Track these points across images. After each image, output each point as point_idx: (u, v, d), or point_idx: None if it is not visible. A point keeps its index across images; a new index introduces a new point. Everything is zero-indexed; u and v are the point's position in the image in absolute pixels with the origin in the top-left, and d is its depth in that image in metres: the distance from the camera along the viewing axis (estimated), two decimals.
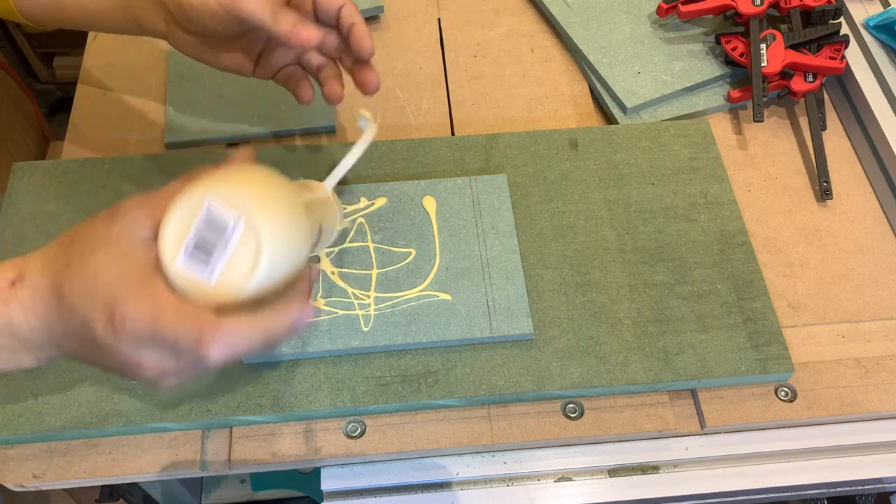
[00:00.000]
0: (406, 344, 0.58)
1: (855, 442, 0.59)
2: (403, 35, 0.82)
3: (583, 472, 0.59)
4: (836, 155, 0.74)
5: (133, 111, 0.74)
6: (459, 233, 0.63)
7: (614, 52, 0.78)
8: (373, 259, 0.62)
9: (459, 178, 0.66)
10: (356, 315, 0.59)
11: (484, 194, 0.66)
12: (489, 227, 0.64)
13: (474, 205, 0.65)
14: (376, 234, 0.63)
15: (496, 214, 0.64)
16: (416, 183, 0.66)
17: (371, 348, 0.57)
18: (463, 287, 0.60)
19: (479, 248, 0.62)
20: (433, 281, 0.60)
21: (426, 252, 0.62)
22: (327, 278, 0.60)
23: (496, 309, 0.59)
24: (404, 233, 0.63)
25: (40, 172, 0.67)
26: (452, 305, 0.59)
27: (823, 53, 0.75)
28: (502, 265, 0.62)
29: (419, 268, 0.61)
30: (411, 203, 0.65)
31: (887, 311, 0.64)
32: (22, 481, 0.54)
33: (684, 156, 0.70)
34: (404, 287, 0.60)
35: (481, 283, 0.61)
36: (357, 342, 0.57)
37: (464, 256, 0.62)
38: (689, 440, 0.59)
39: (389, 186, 0.66)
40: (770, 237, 0.68)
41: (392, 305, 0.59)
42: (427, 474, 0.58)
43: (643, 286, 0.62)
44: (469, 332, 0.58)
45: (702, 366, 0.58)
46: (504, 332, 0.58)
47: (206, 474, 0.56)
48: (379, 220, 0.64)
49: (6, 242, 0.63)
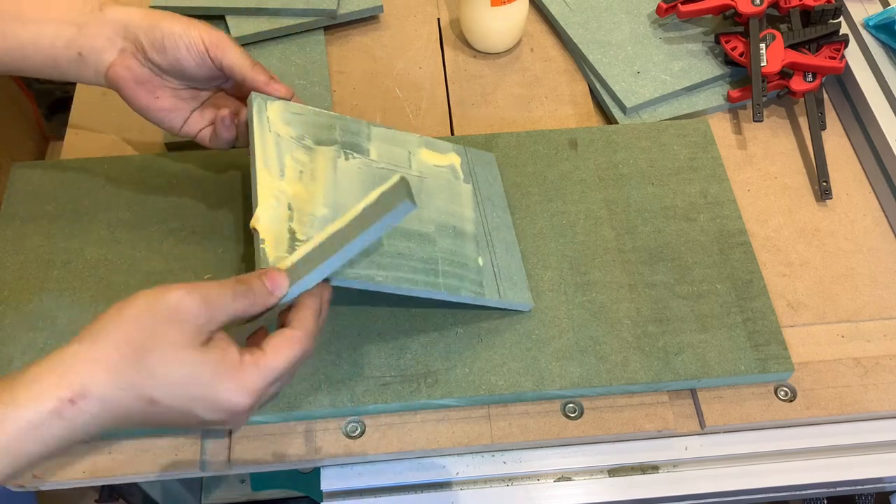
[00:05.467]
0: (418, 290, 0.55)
1: (854, 442, 0.59)
2: (403, 35, 0.82)
3: (582, 471, 0.59)
4: (836, 155, 0.74)
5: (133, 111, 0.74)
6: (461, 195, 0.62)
7: (614, 52, 0.78)
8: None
9: (453, 145, 0.65)
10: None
11: (478, 166, 0.65)
12: (486, 198, 0.64)
13: (472, 174, 0.64)
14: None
15: (490, 188, 0.64)
16: (415, 136, 0.64)
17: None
18: (471, 249, 0.60)
19: (481, 216, 0.62)
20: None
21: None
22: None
23: (501, 276, 0.59)
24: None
25: (40, 172, 0.67)
26: (464, 264, 0.58)
27: (823, 53, 0.75)
28: (502, 237, 0.62)
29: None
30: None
31: (887, 310, 0.64)
32: (21, 481, 0.54)
33: (684, 155, 0.70)
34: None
35: (486, 248, 0.60)
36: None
37: (469, 220, 0.61)
38: (689, 440, 0.59)
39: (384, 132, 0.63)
40: (770, 237, 0.68)
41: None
42: (427, 474, 0.58)
43: (643, 286, 0.62)
44: (480, 291, 0.57)
45: (701, 365, 0.58)
46: (510, 299, 0.58)
47: (206, 474, 0.56)
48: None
49: (6, 242, 0.63)
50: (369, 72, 0.79)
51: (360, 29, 0.83)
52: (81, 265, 0.62)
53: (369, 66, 0.79)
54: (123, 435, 0.56)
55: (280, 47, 0.78)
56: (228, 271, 0.62)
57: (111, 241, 0.63)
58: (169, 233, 0.64)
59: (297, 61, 0.77)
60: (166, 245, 0.63)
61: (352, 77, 0.78)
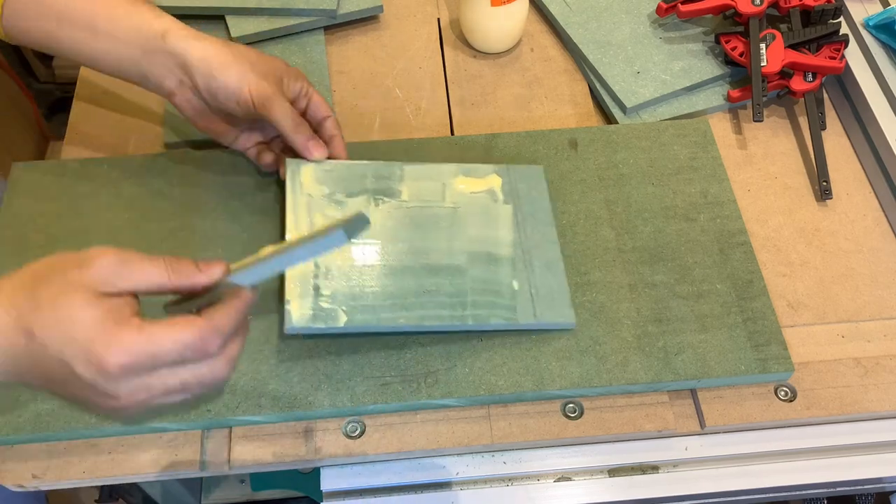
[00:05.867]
0: (452, 325, 0.58)
1: (854, 442, 0.59)
2: (403, 35, 0.82)
3: (582, 471, 0.59)
4: (836, 155, 0.74)
5: (132, 111, 0.74)
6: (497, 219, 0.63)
7: (614, 52, 0.78)
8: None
9: (495, 166, 0.66)
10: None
11: (521, 183, 0.66)
12: (528, 216, 0.64)
13: (513, 193, 0.65)
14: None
15: (534, 204, 0.65)
16: (452, 165, 0.66)
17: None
18: (505, 273, 0.60)
19: (520, 236, 0.63)
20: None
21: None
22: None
23: (538, 297, 0.59)
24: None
25: (40, 172, 0.67)
26: (496, 290, 0.59)
27: (823, 53, 0.75)
28: (542, 254, 0.62)
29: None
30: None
31: (887, 310, 0.64)
32: (21, 481, 0.54)
33: (684, 155, 0.70)
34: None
35: (523, 270, 0.61)
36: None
37: (506, 243, 0.62)
38: (689, 440, 0.59)
39: (419, 168, 0.65)
40: (770, 237, 0.68)
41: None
42: (427, 474, 0.58)
43: (643, 286, 0.62)
44: (513, 316, 0.58)
45: (701, 365, 0.58)
46: (547, 320, 0.58)
47: (205, 474, 0.56)
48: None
49: (6, 242, 0.63)
50: (369, 72, 0.79)
51: (360, 29, 0.83)
52: None
53: (369, 66, 0.79)
54: (123, 434, 0.56)
55: (280, 47, 0.78)
56: None
57: (111, 241, 0.63)
58: (169, 233, 0.64)
59: (297, 61, 0.77)
60: (166, 245, 0.63)
61: (352, 77, 0.78)
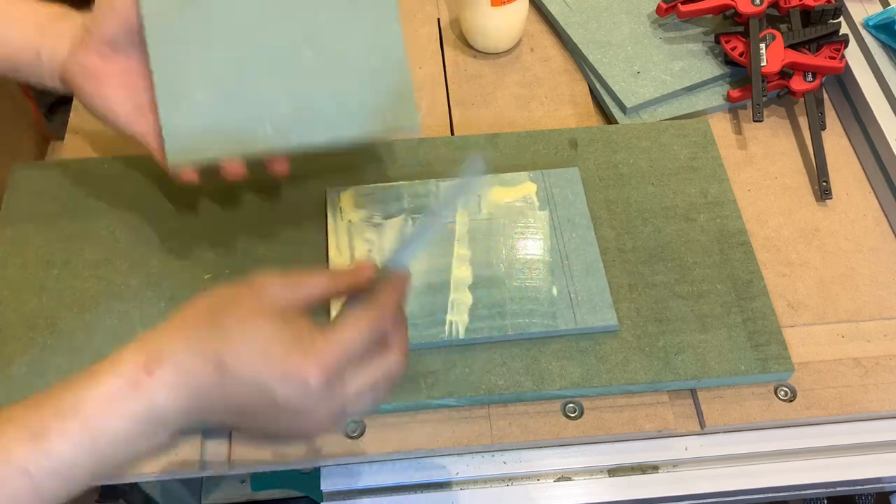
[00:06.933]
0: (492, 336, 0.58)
1: (854, 442, 0.59)
2: (403, 35, 0.82)
3: (582, 471, 0.59)
4: (836, 155, 0.74)
5: None
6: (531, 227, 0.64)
7: (614, 52, 0.78)
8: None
9: (529, 172, 0.67)
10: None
11: (556, 187, 0.66)
12: (564, 220, 0.64)
13: (548, 199, 0.65)
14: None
15: (570, 208, 0.65)
16: (486, 176, 0.66)
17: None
18: (544, 280, 0.61)
19: (558, 241, 0.63)
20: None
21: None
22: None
23: (578, 301, 0.60)
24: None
25: (40, 172, 0.67)
26: (535, 297, 0.60)
27: (823, 53, 0.75)
28: (581, 258, 0.62)
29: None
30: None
31: (887, 310, 0.64)
32: None
33: (684, 155, 0.70)
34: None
35: (562, 275, 0.61)
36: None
37: (541, 250, 0.63)
38: (689, 440, 0.59)
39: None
40: (770, 237, 0.68)
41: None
42: (427, 474, 0.58)
43: (643, 286, 0.62)
44: (552, 323, 0.59)
45: (701, 365, 0.58)
46: (588, 324, 0.59)
47: (205, 474, 0.56)
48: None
49: (6, 242, 0.63)
50: None
51: None
52: (81, 265, 0.62)
53: None
54: None
55: None
56: (229, 272, 0.62)
57: (111, 241, 0.63)
58: (169, 233, 0.64)
59: None
60: (166, 245, 0.63)
61: None
